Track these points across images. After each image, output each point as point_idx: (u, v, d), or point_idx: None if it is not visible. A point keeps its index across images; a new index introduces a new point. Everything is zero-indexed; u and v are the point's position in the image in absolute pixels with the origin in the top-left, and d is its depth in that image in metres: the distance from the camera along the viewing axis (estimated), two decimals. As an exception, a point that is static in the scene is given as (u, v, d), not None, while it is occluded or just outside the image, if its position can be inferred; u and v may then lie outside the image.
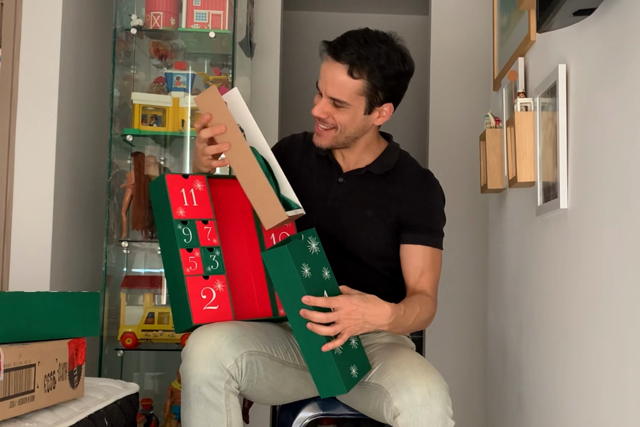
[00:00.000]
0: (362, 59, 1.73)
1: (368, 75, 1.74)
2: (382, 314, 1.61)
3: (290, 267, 1.51)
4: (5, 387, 1.31)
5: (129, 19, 2.70)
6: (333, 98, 1.76)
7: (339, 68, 1.74)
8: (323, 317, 1.52)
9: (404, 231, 1.86)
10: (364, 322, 1.58)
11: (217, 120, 1.67)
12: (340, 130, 1.81)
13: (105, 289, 2.62)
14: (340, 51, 1.74)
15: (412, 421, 1.52)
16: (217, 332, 1.61)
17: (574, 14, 1.49)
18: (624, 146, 1.41)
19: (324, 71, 1.78)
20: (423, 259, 1.85)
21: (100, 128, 2.83)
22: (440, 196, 1.93)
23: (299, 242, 1.57)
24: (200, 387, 1.58)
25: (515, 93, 2.12)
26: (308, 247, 1.59)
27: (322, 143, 1.84)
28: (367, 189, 1.89)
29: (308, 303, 1.51)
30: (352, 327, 1.57)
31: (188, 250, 1.69)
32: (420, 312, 1.74)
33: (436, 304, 1.85)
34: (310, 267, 1.55)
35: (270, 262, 1.54)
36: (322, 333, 1.52)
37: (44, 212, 2.43)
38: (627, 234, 1.38)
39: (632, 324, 1.35)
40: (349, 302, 1.56)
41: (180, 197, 1.71)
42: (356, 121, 1.80)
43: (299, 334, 1.55)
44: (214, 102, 1.68)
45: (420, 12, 4.26)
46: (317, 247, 1.62)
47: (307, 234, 1.61)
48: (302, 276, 1.51)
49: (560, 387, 1.78)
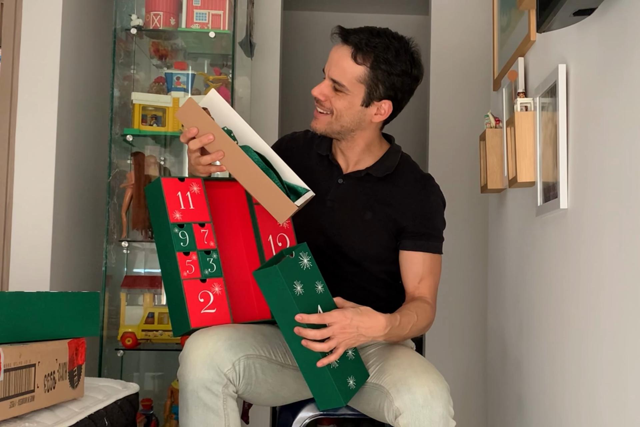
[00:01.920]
0: (369, 46, 1.74)
1: (371, 63, 1.74)
2: (377, 326, 1.61)
3: (282, 286, 1.51)
4: (5, 387, 1.31)
5: (129, 19, 2.70)
6: (334, 80, 1.76)
7: (344, 50, 1.76)
8: (317, 333, 1.52)
9: (404, 237, 1.85)
10: (359, 335, 1.58)
11: (203, 130, 1.66)
12: (336, 117, 1.80)
13: (105, 289, 2.62)
14: (351, 34, 1.76)
15: (413, 421, 1.52)
16: (215, 336, 1.61)
17: (574, 14, 1.49)
18: (624, 146, 1.41)
19: (331, 53, 1.79)
20: (423, 265, 1.84)
21: (100, 128, 2.83)
22: (441, 201, 1.91)
23: (290, 260, 1.56)
24: (197, 391, 1.58)
25: (515, 93, 2.12)
26: (300, 264, 1.59)
27: (317, 126, 1.83)
28: (367, 191, 1.88)
29: (301, 321, 1.51)
30: (347, 341, 1.57)
31: (185, 253, 1.68)
32: (417, 320, 1.73)
33: (435, 311, 1.84)
34: (302, 284, 1.55)
35: (262, 281, 1.54)
36: (317, 350, 1.53)
37: (44, 212, 2.43)
38: (626, 234, 1.38)
39: (632, 324, 1.35)
40: (342, 316, 1.56)
41: (177, 200, 1.71)
42: (352, 111, 1.79)
43: (295, 350, 1.55)
44: (195, 113, 1.66)
45: (420, 12, 4.26)
46: (309, 262, 1.61)
47: (299, 250, 1.61)
48: (295, 294, 1.52)
49: (560, 387, 1.78)
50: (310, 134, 1.98)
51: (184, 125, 1.69)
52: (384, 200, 1.86)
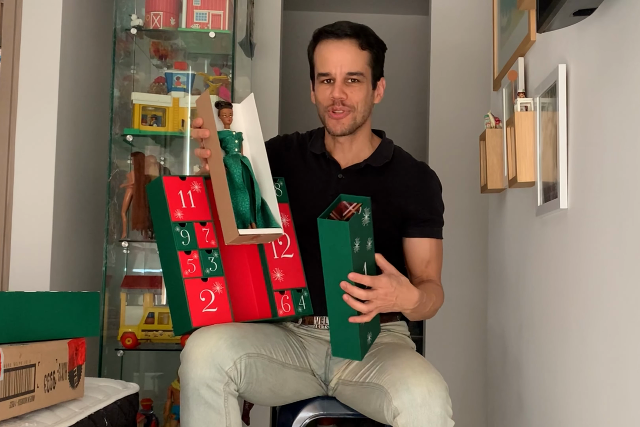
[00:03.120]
0: (363, 32, 1.85)
1: (371, 46, 1.85)
2: (411, 299, 1.66)
3: (345, 241, 1.51)
4: (5, 387, 1.31)
5: (129, 19, 2.70)
6: (351, 73, 1.81)
7: (347, 43, 1.82)
8: (363, 294, 1.55)
9: (409, 224, 1.90)
10: (394, 304, 1.63)
11: (205, 125, 1.68)
12: (358, 111, 1.85)
13: (105, 289, 2.62)
14: (342, 29, 1.82)
15: (411, 421, 1.52)
16: (216, 335, 1.61)
17: (574, 14, 1.49)
18: (624, 146, 1.41)
19: (332, 52, 1.82)
20: (429, 251, 1.90)
21: (100, 128, 2.83)
22: (438, 185, 1.98)
23: (357, 217, 1.58)
24: (199, 389, 1.58)
25: (515, 93, 2.12)
26: (362, 220, 1.61)
27: (343, 128, 1.86)
28: (368, 183, 1.90)
29: (353, 280, 1.54)
30: (383, 306, 1.61)
31: (186, 252, 1.68)
32: (435, 300, 1.80)
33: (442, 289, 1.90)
34: (360, 241, 1.57)
35: (325, 230, 1.53)
36: (357, 309, 1.56)
37: (44, 212, 2.43)
38: (626, 234, 1.38)
39: (632, 323, 1.35)
40: (389, 284, 1.59)
41: (178, 199, 1.71)
42: (367, 96, 1.86)
43: (330, 301, 1.58)
44: (205, 107, 1.68)
45: (420, 12, 4.26)
46: (368, 218, 1.63)
47: (364, 205, 1.62)
48: (353, 251, 1.53)
49: (560, 387, 1.78)
50: (301, 136, 2.00)
51: (197, 114, 1.73)
52: (386, 190, 1.89)
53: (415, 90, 4.24)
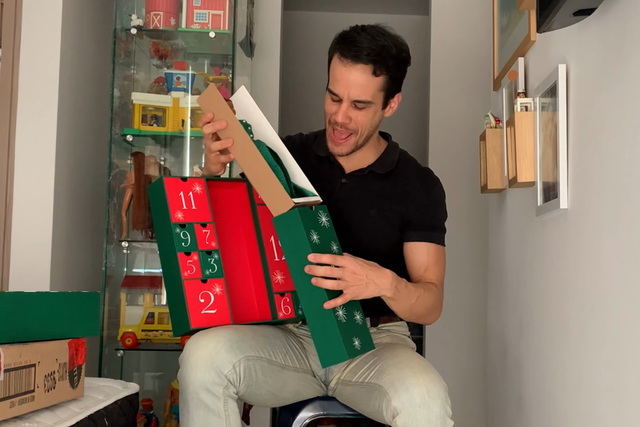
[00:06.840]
0: (382, 55, 1.74)
1: (387, 70, 1.77)
2: (385, 277, 1.66)
3: (299, 228, 1.57)
4: (5, 387, 1.31)
5: (129, 19, 2.70)
6: (357, 100, 1.76)
7: (360, 69, 1.74)
8: (327, 270, 1.57)
9: (408, 229, 1.88)
10: (368, 283, 1.62)
11: (219, 117, 1.69)
12: (360, 134, 1.82)
13: (105, 289, 2.62)
14: (359, 52, 1.73)
15: (410, 421, 1.52)
16: (215, 338, 1.61)
17: (574, 14, 1.49)
18: (624, 146, 1.41)
19: (343, 75, 1.75)
20: (427, 255, 1.87)
21: (100, 128, 2.83)
22: (442, 192, 1.95)
23: (309, 211, 1.63)
24: (198, 393, 1.58)
25: (515, 93, 2.12)
26: (318, 219, 1.65)
27: (343, 151, 1.85)
28: (371, 188, 1.89)
29: (314, 260, 1.57)
30: (355, 287, 1.61)
31: (186, 253, 1.68)
32: (423, 293, 1.76)
33: (442, 295, 1.86)
34: (319, 237, 1.60)
35: (280, 225, 1.60)
36: (326, 286, 1.57)
37: (44, 212, 2.43)
38: (626, 234, 1.38)
39: (632, 323, 1.35)
40: (353, 260, 1.61)
41: (179, 200, 1.70)
42: (375, 119, 1.82)
43: (302, 297, 1.60)
44: (214, 99, 1.69)
45: (420, 12, 4.26)
46: (327, 222, 1.66)
47: (318, 208, 1.67)
48: (310, 240, 1.57)
49: (560, 387, 1.78)
50: (305, 137, 1.99)
51: (203, 111, 1.73)
52: (389, 196, 1.88)
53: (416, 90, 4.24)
